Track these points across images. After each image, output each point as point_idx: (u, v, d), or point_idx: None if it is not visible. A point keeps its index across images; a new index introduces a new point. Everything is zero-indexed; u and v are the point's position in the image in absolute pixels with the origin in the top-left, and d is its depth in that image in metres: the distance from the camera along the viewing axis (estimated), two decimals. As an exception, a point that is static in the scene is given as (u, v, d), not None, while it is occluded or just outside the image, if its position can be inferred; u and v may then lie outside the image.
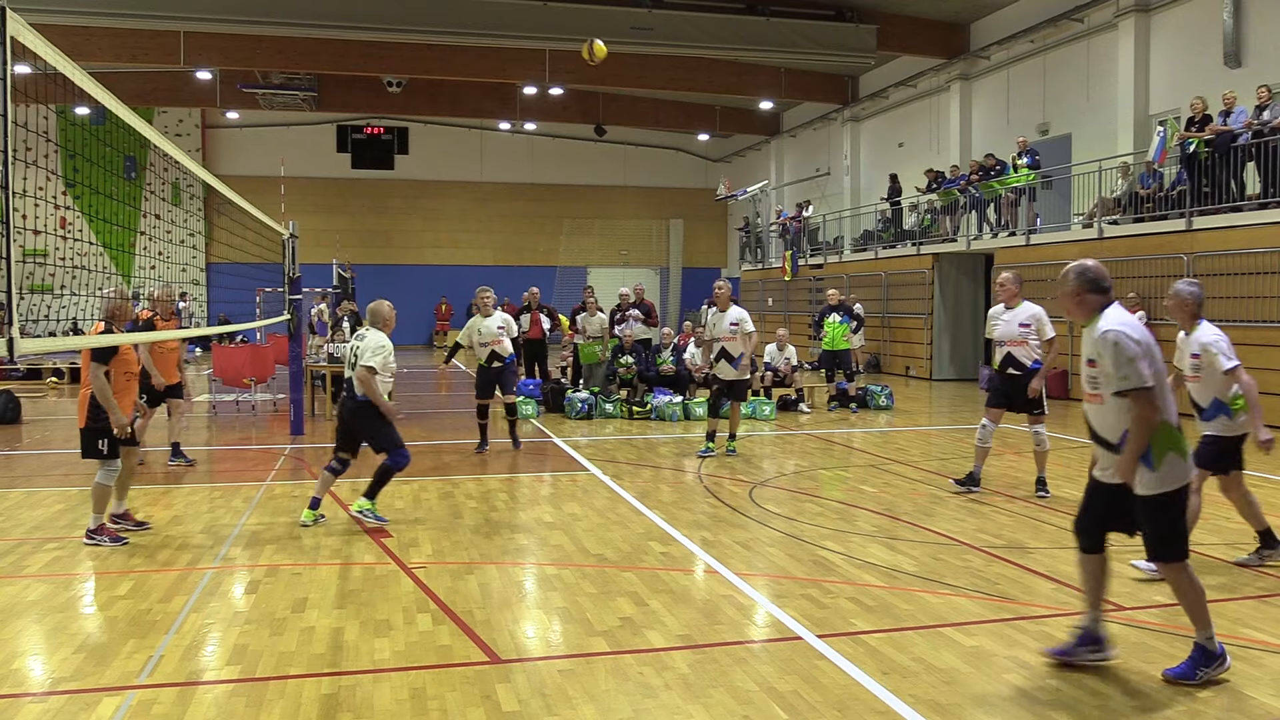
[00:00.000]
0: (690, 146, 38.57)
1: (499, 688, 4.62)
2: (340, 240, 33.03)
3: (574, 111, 32.01)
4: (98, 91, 6.05)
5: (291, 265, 13.35)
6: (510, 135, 36.73)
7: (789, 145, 33.77)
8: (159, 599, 5.98)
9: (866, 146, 29.20)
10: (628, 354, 16.24)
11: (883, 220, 25.87)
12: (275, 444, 12.62)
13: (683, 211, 38.71)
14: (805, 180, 32.06)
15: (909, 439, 13.27)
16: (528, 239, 37.45)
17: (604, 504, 8.86)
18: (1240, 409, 6.37)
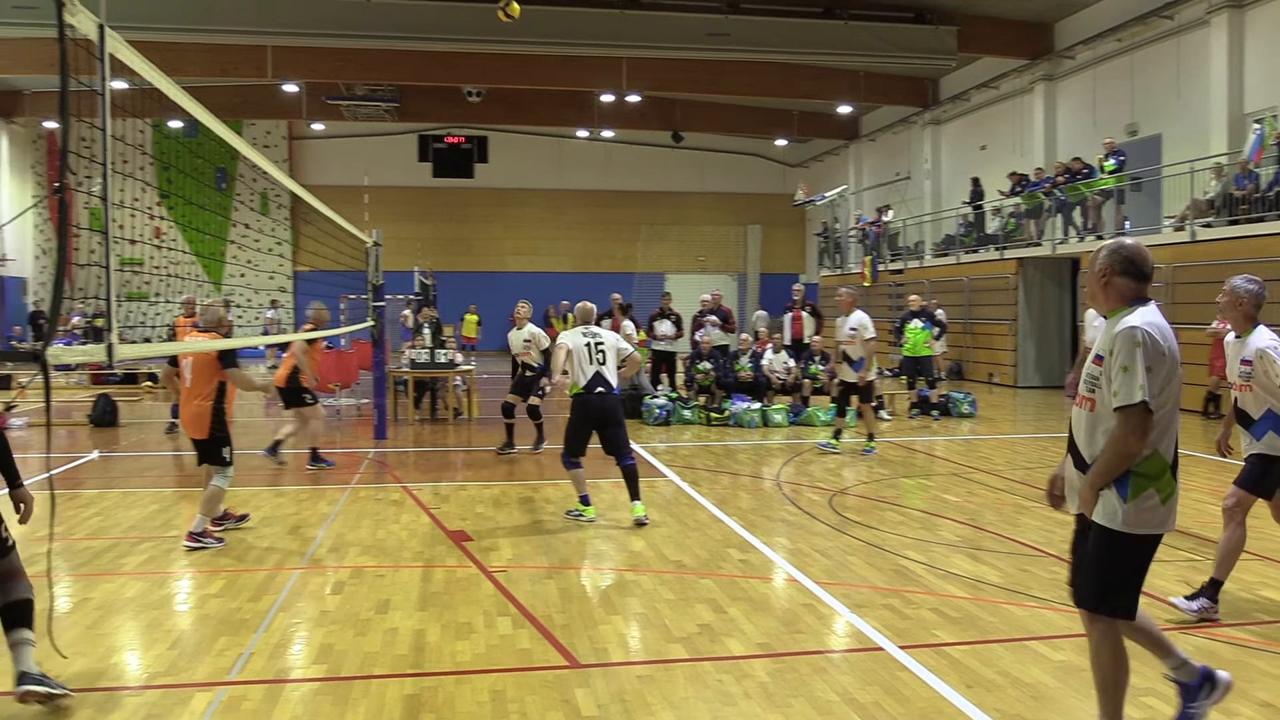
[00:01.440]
0: (768, 152, 38.36)
1: (578, 692, 4.64)
2: (421, 248, 33.55)
3: (651, 118, 32.08)
4: (191, 105, 6.24)
5: (375, 273, 13.62)
6: (587, 143, 36.94)
7: (868, 149, 33.39)
8: (248, 598, 6.14)
9: (948, 149, 28.74)
10: (705, 360, 16.20)
11: (965, 224, 25.42)
12: (359, 448, 12.87)
13: (760, 217, 38.51)
14: (885, 184, 31.65)
15: (993, 447, 13.00)
16: (605, 245, 37.61)
17: (682, 510, 8.85)
18: None
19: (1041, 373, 22.31)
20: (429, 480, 10.46)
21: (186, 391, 7.51)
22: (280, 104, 30.26)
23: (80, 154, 4.67)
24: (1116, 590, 3.80)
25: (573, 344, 8.29)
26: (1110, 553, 3.77)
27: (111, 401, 15.38)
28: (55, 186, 3.05)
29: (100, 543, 7.59)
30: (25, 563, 4.76)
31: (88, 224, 4.80)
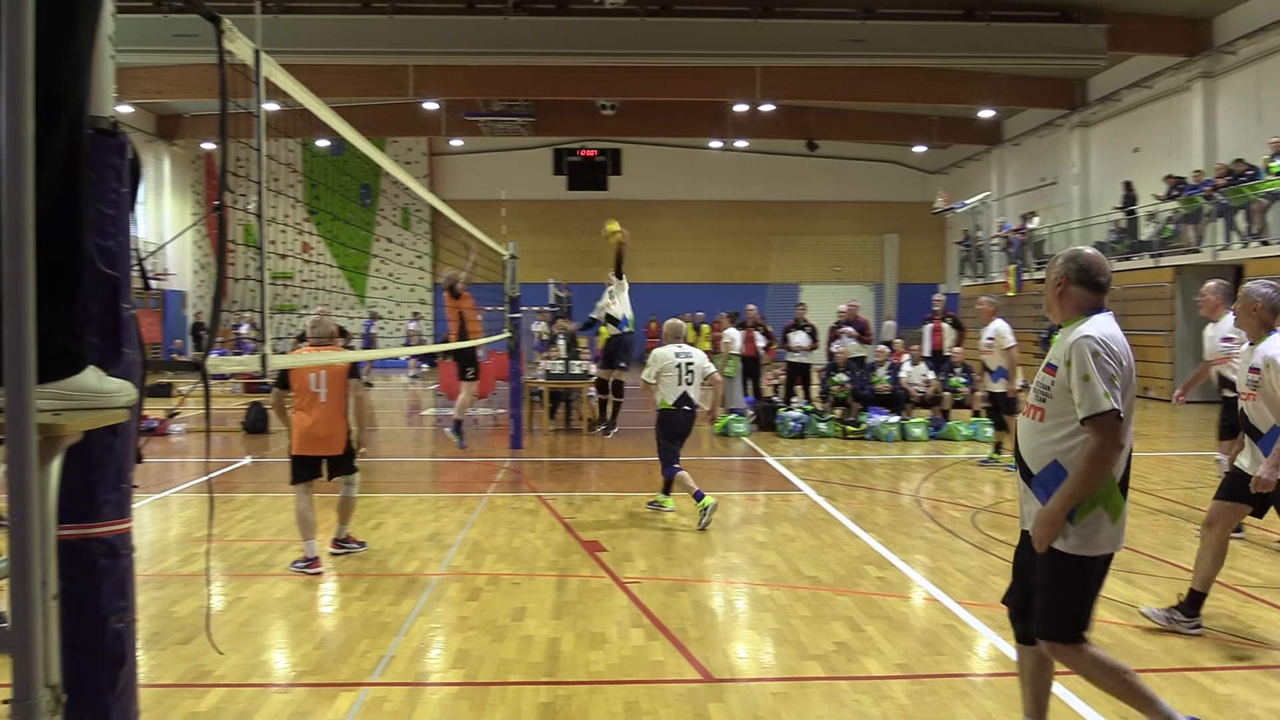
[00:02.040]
0: (906, 159, 37.62)
1: (711, 706, 4.61)
2: (556, 260, 34.14)
3: (785, 127, 31.87)
4: (338, 124, 6.50)
5: (512, 285, 13.91)
6: (721, 153, 36.94)
7: (1011, 154, 32.38)
8: (389, 602, 6.33)
9: (1097, 153, 27.63)
10: (841, 372, 15.97)
11: (1116, 231, 24.37)
12: (495, 457, 13.14)
13: (898, 226, 37.79)
14: (1029, 190, 30.63)
15: (1149, 465, 12.39)
16: (738, 256, 37.51)
17: (818, 525, 8.72)
18: None
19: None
20: (563, 490, 10.60)
21: (321, 407, 7.28)
22: (421, 121, 31.29)
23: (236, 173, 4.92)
24: (1064, 615, 3.77)
25: (665, 362, 8.96)
26: (1060, 577, 3.75)
27: (263, 409, 16.12)
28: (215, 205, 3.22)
29: (252, 545, 7.96)
30: (184, 562, 5.01)
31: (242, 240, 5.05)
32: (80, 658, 2.20)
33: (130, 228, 2.42)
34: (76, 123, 2.03)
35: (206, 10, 2.96)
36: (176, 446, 14.40)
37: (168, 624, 5.85)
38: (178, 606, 6.23)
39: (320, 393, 7.27)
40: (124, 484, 2.38)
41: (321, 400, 7.28)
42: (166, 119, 32.24)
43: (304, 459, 7.33)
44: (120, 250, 2.37)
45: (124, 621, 2.33)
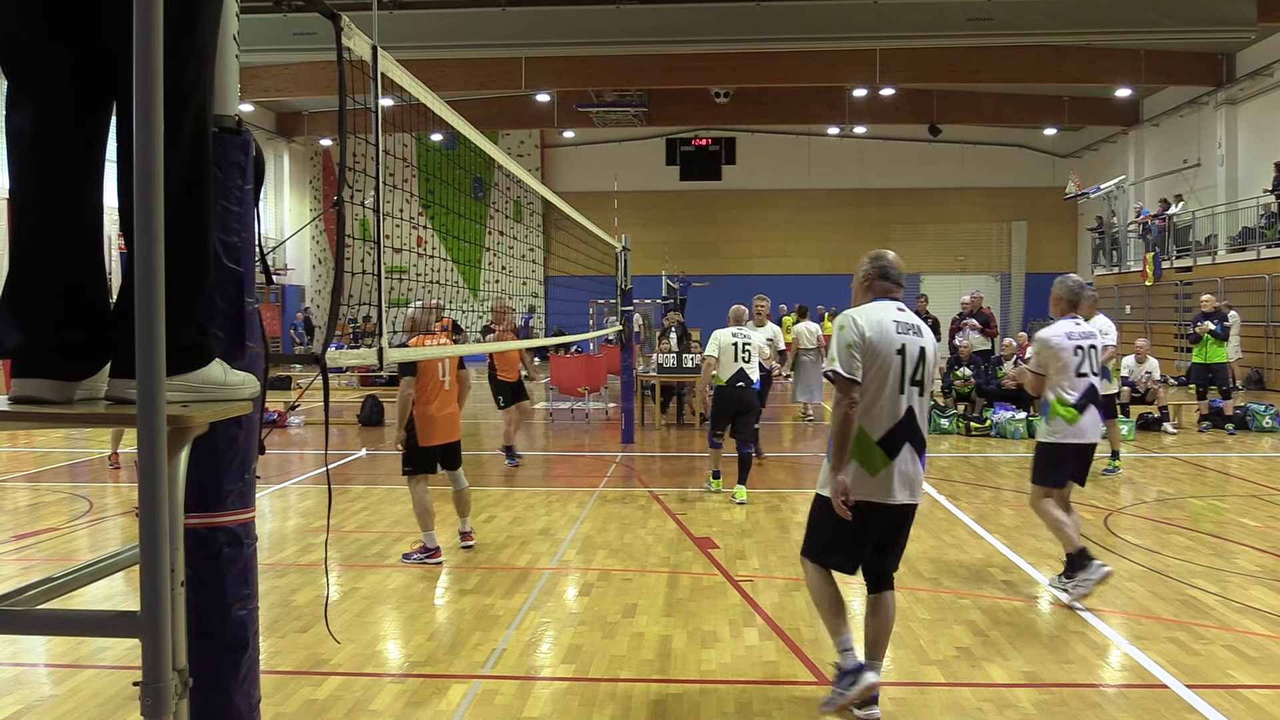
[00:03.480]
0: (1034, 142, 36.47)
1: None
2: (670, 252, 34.21)
3: (906, 112, 31.24)
4: (452, 118, 6.64)
5: (624, 277, 14.00)
6: (838, 140, 36.44)
7: (1150, 135, 31.08)
8: (501, 595, 6.46)
9: (1245, 132, 26.29)
10: (965, 366, 15.61)
11: (1266, 215, 23.17)
12: (607, 451, 13.25)
13: (1026, 213, 36.67)
14: (1170, 174, 29.35)
15: (1301, 466, 11.78)
16: (856, 246, 36.88)
17: (939, 525, 8.55)
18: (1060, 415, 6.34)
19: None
20: (674, 485, 10.63)
21: (444, 395, 7.51)
22: (533, 113, 31.71)
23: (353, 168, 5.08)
24: (814, 541, 4.71)
25: (723, 342, 9.78)
26: (815, 508, 4.73)
27: (378, 402, 16.59)
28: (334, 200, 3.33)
29: (367, 536, 8.21)
30: (302, 552, 5.21)
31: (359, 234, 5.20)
32: (205, 644, 2.30)
33: (254, 224, 2.52)
34: (201, 120, 2.12)
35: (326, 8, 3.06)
36: (295, 438, 14.94)
37: (286, 612, 6.08)
38: (296, 595, 6.46)
39: (445, 381, 7.53)
40: (248, 475, 2.48)
41: (446, 389, 7.54)
42: (286, 116, 33.42)
43: (428, 449, 7.48)
44: (244, 246, 2.48)
45: (247, 609, 2.44)
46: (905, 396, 4.54)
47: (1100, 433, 6.58)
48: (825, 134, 36.14)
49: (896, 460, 4.49)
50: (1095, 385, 6.46)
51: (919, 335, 4.64)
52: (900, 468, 4.51)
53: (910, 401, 4.55)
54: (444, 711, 4.60)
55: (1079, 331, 6.45)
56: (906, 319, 4.68)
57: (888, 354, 4.52)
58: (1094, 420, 6.43)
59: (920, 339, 4.64)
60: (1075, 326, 6.46)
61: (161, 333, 1.74)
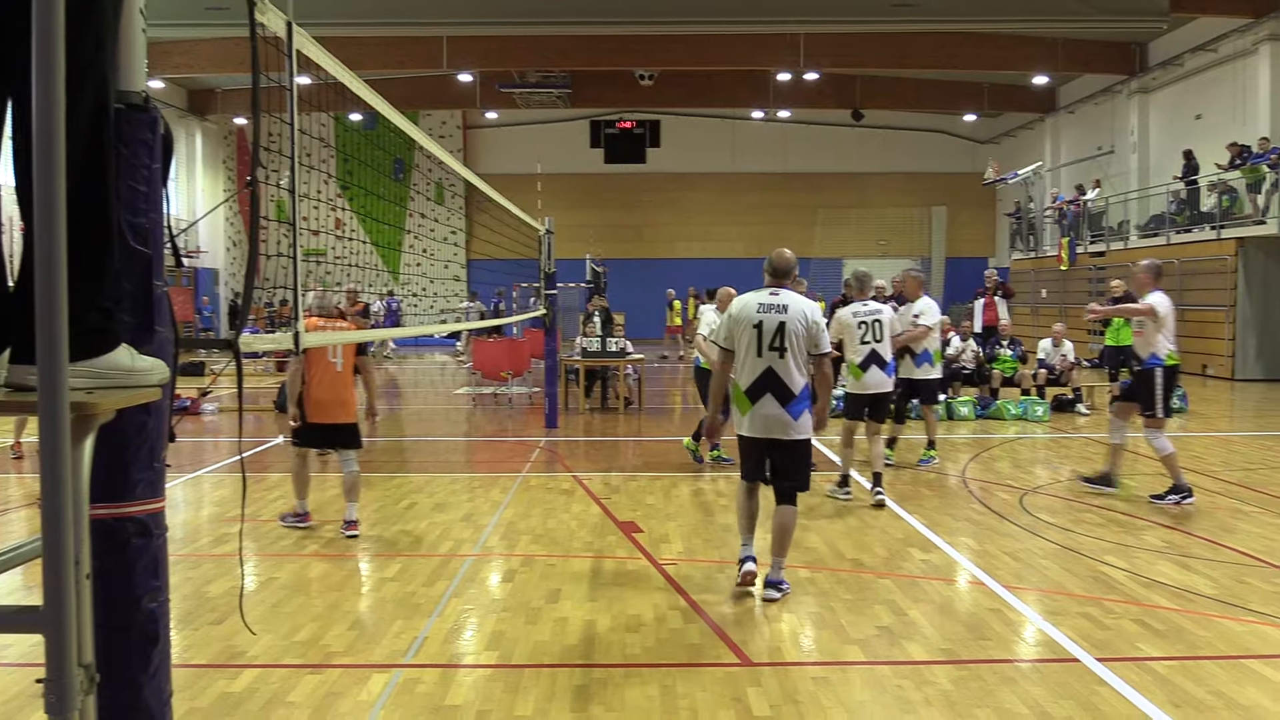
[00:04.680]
0: (955, 128, 37.15)
1: (750, 691, 4.64)
2: (593, 235, 34.16)
3: (829, 96, 31.57)
4: (371, 97, 6.54)
5: (547, 260, 13.94)
6: (763, 124, 36.69)
7: (1066, 122, 31.86)
8: (423, 583, 6.42)
9: (1157, 120, 27.10)
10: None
11: (1176, 202, 23.94)
12: (530, 436, 13.23)
13: (946, 197, 37.37)
14: (1085, 160, 30.14)
15: (1206, 446, 12.23)
16: (780, 230, 37.22)
17: (861, 507, 8.70)
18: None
19: (1264, 364, 20.82)
20: (599, 470, 10.66)
21: (335, 376, 7.79)
22: (455, 94, 31.34)
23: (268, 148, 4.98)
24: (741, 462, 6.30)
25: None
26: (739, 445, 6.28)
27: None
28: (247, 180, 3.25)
29: (287, 526, 8.07)
30: (216, 543, 5.11)
31: (274, 216, 5.10)
32: (113, 638, 2.25)
33: (162, 204, 2.46)
34: (102, 97, 2.07)
35: (236, -17, 2.99)
36: (209, 425, 14.64)
37: (201, 604, 5.97)
38: (211, 586, 6.35)
39: (336, 362, 7.81)
40: (157, 463, 2.43)
41: (338, 370, 7.82)
42: (198, 94, 32.56)
43: (314, 426, 7.79)
44: (152, 227, 2.41)
45: (157, 601, 2.39)
46: (764, 359, 5.99)
47: (889, 384, 8.92)
48: (750, 118, 36.37)
49: (757, 405, 6.00)
50: (878, 350, 8.76)
51: (781, 313, 6.01)
52: (761, 411, 6.00)
53: (770, 363, 5.99)
54: (364, 702, 4.57)
55: (865, 310, 8.74)
56: (773, 301, 6.08)
57: (746, 327, 6.04)
58: (878, 377, 8.80)
59: (781, 315, 6.01)
60: (862, 306, 8.74)
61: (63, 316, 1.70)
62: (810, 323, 6.03)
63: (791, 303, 6.05)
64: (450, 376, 23.24)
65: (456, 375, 23.05)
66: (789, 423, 5.98)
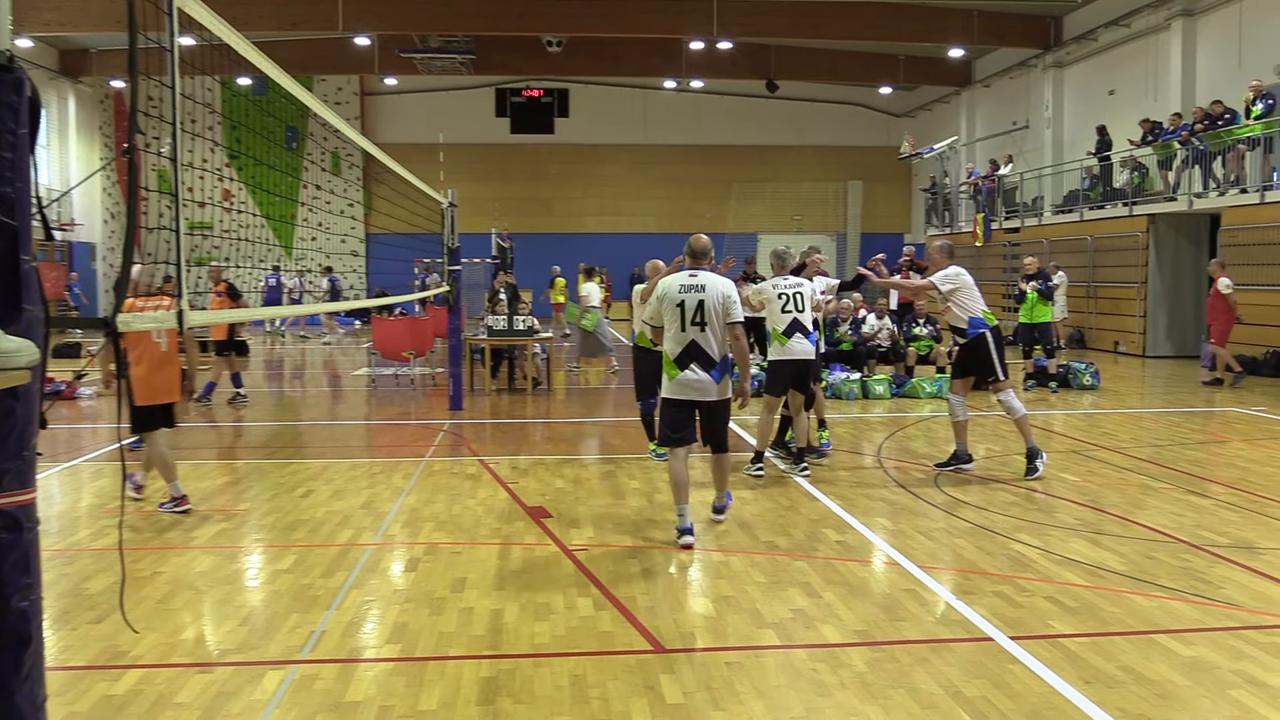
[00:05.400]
0: (871, 101, 37.74)
1: (663, 678, 4.68)
2: (499, 209, 33.91)
3: (743, 67, 31.78)
4: (260, 61, 6.38)
5: (451, 235, 13.79)
6: (675, 94, 36.79)
7: (982, 97, 32.61)
8: (321, 574, 6.33)
9: (1071, 96, 27.89)
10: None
11: (1089, 178, 24.69)
12: (434, 419, 13.11)
13: (862, 172, 37.98)
14: (1000, 135, 30.90)
15: (1117, 422, 12.68)
16: (694, 204, 37.49)
17: (774, 488, 8.83)
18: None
19: (1174, 341, 21.64)
20: (506, 453, 10.62)
21: (162, 356, 7.95)
22: (352, 58, 30.74)
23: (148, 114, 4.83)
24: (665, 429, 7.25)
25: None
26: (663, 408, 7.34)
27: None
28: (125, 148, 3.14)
29: (170, 516, 7.89)
30: (95, 536, 4.97)
31: (156, 186, 4.95)
32: (-19, 638, 2.18)
33: (30, 172, 2.37)
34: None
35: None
36: (86, 411, 14.18)
37: (79, 602, 5.80)
38: (90, 583, 6.17)
39: (161, 343, 7.92)
40: (26, 452, 2.35)
41: (163, 349, 7.95)
42: (71, 54, 31.33)
43: (148, 409, 7.94)
44: (19, 197, 2.33)
45: (29, 600, 2.32)
46: (688, 333, 7.03)
47: (812, 352, 9.29)
48: (662, 88, 36.43)
49: (684, 372, 7.05)
50: (800, 319, 9.19)
51: (700, 292, 7.03)
52: (686, 376, 7.05)
53: (693, 335, 7.02)
54: (258, 700, 4.49)
55: (785, 283, 9.29)
56: (693, 281, 7.09)
57: (671, 306, 7.09)
58: (803, 345, 9.18)
59: (700, 294, 7.02)
60: (783, 280, 9.29)
61: (-82, 294, 1.63)
62: (725, 299, 7.09)
63: (709, 282, 7.09)
64: (350, 357, 22.91)
65: (355, 356, 22.73)
66: (712, 386, 7.07)
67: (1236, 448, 10.77)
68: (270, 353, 24.35)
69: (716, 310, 7.03)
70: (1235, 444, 11.00)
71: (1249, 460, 10.01)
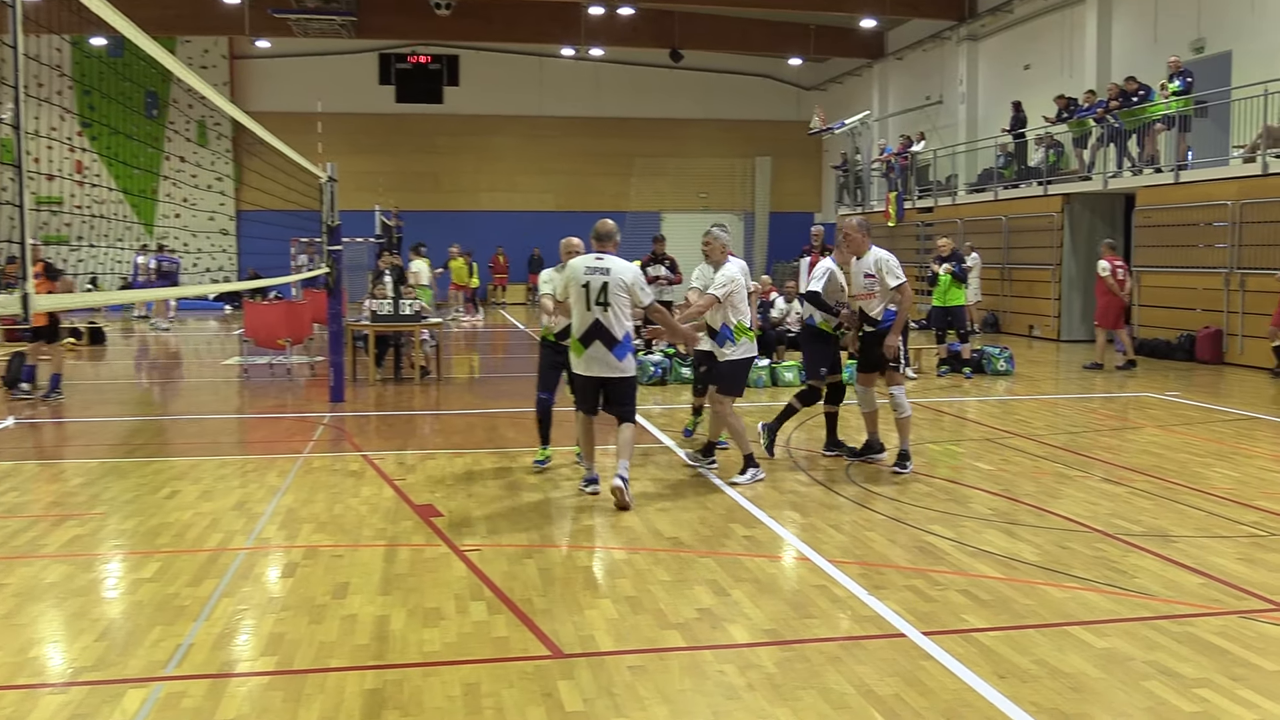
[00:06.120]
0: (779, 73, 38.13)
1: (561, 685, 4.69)
2: (384, 184, 33.41)
3: (646, 34, 31.82)
4: (115, 19, 6.17)
5: (330, 212, 13.56)
6: (573, 63, 36.68)
7: (894, 70, 33.21)
8: (187, 582, 6.18)
9: (986, 70, 28.58)
10: (707, 311, 16.20)
11: (1004, 156, 25.34)
12: (313, 412, 12.90)
13: (770, 148, 38.37)
14: (913, 110, 31.51)
15: (1031, 409, 13.06)
16: (593, 180, 37.47)
17: (679, 481, 8.89)
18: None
19: (1089, 325, 22.28)
20: (393, 448, 10.50)
21: None
22: (219, 18, 29.95)
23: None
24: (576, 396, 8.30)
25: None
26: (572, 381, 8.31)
27: (23, 358, 15.33)
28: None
29: (17, 521, 7.63)
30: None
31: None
32: None
33: None
34: None
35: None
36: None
37: (-86, 616, 5.57)
38: (-74, 595, 5.93)
39: None
40: None
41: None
42: (-103, 8, 29.97)
43: None
44: None
45: None
46: (592, 313, 7.85)
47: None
48: (559, 55, 36.29)
49: (589, 349, 7.90)
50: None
51: (604, 274, 7.85)
52: (591, 354, 7.91)
53: (597, 315, 7.84)
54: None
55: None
56: (598, 264, 7.92)
57: (576, 286, 7.91)
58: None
59: (605, 276, 7.85)
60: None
61: None
62: (628, 282, 7.89)
63: (613, 265, 7.89)
64: (220, 345, 22.39)
65: (226, 344, 22.22)
66: (614, 363, 7.92)
67: (1151, 434, 11.18)
68: (131, 341, 23.65)
69: (620, 293, 7.83)
70: (1149, 430, 11.41)
71: (1163, 446, 10.40)
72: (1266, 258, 16.59)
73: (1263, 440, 10.86)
